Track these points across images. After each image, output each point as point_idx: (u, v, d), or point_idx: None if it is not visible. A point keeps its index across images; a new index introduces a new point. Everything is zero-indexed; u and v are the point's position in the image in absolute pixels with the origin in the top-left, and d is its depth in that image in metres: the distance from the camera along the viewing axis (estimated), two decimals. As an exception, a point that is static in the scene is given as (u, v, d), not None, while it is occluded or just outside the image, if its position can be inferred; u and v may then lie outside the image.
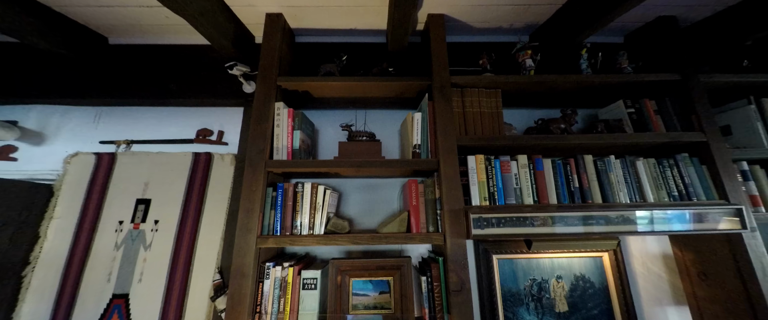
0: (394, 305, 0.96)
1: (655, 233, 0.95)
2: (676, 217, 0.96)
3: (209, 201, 1.26)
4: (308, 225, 0.98)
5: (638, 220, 0.95)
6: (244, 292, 0.89)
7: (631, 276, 1.23)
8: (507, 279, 1.20)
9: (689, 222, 0.96)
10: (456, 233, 0.94)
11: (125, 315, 1.12)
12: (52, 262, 1.17)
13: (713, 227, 0.95)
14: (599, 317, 1.16)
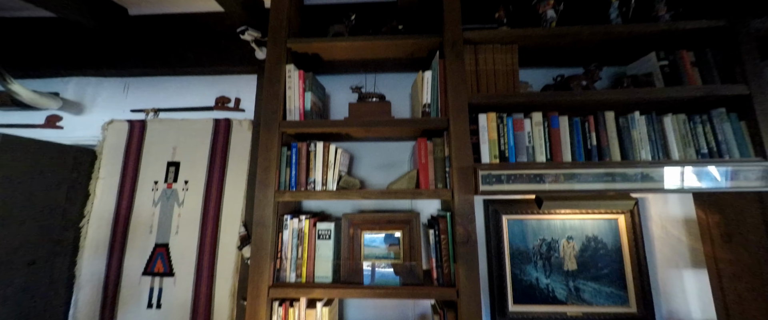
0: (403, 256, 1.02)
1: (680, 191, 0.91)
2: (704, 174, 0.91)
3: (231, 163, 1.35)
4: (321, 182, 1.03)
5: (661, 178, 0.91)
6: (265, 240, 0.98)
7: (648, 238, 1.20)
8: (516, 238, 1.22)
9: (719, 179, 0.90)
10: (464, 189, 0.95)
11: (167, 261, 1.28)
12: (102, 216, 1.33)
13: (746, 185, 0.89)
14: (609, 276, 1.17)
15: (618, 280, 1.17)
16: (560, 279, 1.18)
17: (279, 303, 0.99)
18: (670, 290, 1.17)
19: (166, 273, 1.27)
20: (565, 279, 1.18)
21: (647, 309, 1.14)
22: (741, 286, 1.01)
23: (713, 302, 1.13)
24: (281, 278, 1.00)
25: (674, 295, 1.16)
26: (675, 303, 1.16)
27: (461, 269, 0.91)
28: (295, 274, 1.00)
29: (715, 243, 1.10)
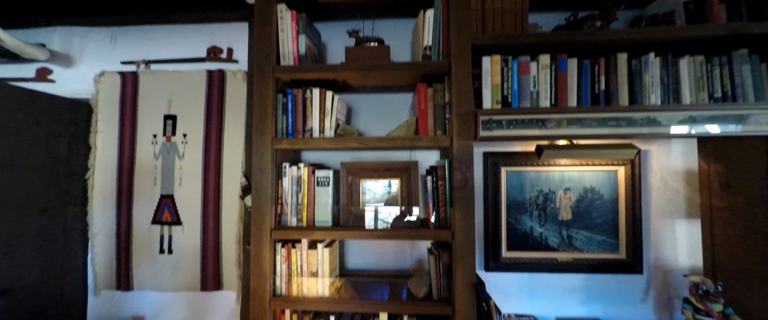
0: (401, 203, 1.04)
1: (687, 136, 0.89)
2: (713, 118, 0.87)
3: (228, 116, 1.32)
4: (318, 129, 1.02)
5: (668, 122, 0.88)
6: (265, 185, 1.00)
7: (646, 190, 1.21)
8: (513, 190, 1.23)
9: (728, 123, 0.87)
10: (463, 135, 0.94)
11: (174, 211, 1.32)
12: (106, 168, 1.36)
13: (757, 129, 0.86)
14: (602, 225, 1.20)
15: (610, 229, 1.20)
16: (554, 228, 1.21)
17: (282, 244, 1.03)
18: (660, 239, 1.20)
19: (174, 222, 1.33)
20: (558, 228, 1.21)
21: (636, 256, 1.18)
22: (731, 232, 1.03)
23: (701, 249, 1.16)
24: (283, 222, 1.04)
25: (663, 244, 1.20)
26: (664, 250, 1.20)
27: (457, 212, 0.93)
28: (296, 219, 1.04)
29: (713, 192, 1.10)
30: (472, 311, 0.91)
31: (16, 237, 1.15)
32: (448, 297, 0.97)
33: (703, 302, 0.97)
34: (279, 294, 1.01)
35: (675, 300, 1.18)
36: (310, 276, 1.01)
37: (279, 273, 1.02)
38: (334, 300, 0.99)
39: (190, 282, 1.31)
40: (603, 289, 1.21)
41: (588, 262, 1.19)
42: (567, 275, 1.22)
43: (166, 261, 1.32)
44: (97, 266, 1.35)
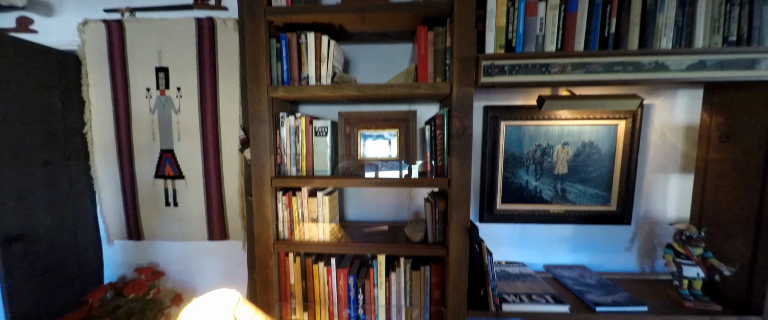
0: (399, 154, 1.05)
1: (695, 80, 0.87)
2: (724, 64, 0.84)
3: (221, 69, 1.28)
4: (315, 77, 0.99)
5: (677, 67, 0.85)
6: (263, 134, 0.99)
7: (644, 144, 1.21)
8: (512, 144, 1.23)
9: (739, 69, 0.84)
10: (464, 82, 0.91)
11: (175, 165, 1.34)
12: (103, 123, 1.35)
13: (764, 75, 0.84)
14: (596, 179, 1.22)
15: (604, 183, 1.22)
16: (549, 181, 1.24)
17: (282, 192, 1.06)
18: (652, 192, 1.23)
19: (177, 176, 1.35)
20: (553, 181, 1.24)
21: (626, 208, 1.22)
22: (723, 184, 1.05)
23: (691, 202, 1.20)
24: (282, 172, 1.06)
25: (654, 197, 1.23)
26: (653, 203, 1.24)
27: (454, 160, 0.94)
28: (296, 169, 1.05)
29: (711, 144, 1.10)
30: (464, 252, 0.97)
31: (25, 186, 1.17)
32: (443, 240, 1.02)
33: (685, 247, 1.02)
34: (282, 238, 1.07)
35: (658, 248, 1.25)
36: (310, 222, 1.05)
37: (281, 220, 1.06)
38: (334, 243, 1.04)
39: (198, 232, 1.37)
40: (591, 239, 1.27)
41: (579, 214, 1.24)
42: (557, 226, 1.27)
43: (173, 213, 1.37)
44: (107, 218, 1.41)
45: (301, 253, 1.09)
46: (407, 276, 1.04)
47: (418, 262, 1.06)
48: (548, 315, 0.97)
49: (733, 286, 1.01)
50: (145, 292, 1.31)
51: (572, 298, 1.05)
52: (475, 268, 0.98)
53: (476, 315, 0.99)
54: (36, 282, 1.22)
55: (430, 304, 1.05)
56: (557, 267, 1.26)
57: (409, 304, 1.05)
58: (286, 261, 1.08)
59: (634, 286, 1.13)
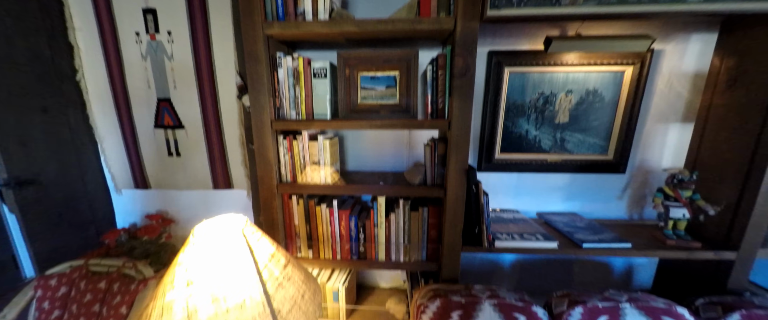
0: (400, 97, 1.03)
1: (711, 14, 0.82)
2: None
3: (212, 9, 1.21)
4: (311, 12, 0.94)
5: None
6: (260, 74, 0.97)
7: (649, 93, 1.19)
8: (514, 92, 1.21)
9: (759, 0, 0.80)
10: (469, 15, 0.87)
11: (173, 114, 1.33)
12: (95, 70, 1.31)
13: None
14: (596, 128, 1.22)
15: (604, 132, 1.22)
16: (549, 131, 1.24)
17: (283, 136, 1.07)
18: (650, 142, 1.24)
19: (177, 126, 1.35)
20: (553, 131, 1.24)
21: (622, 157, 1.24)
22: (722, 130, 1.06)
23: (687, 150, 1.21)
24: (281, 115, 1.05)
25: (651, 147, 1.24)
26: (650, 153, 1.25)
27: (456, 101, 0.93)
28: (295, 112, 1.05)
29: (717, 91, 1.08)
30: (462, 192, 1.00)
31: (26, 132, 1.18)
32: (441, 183, 1.05)
33: (675, 190, 1.06)
34: (285, 181, 1.10)
35: (648, 197, 1.29)
36: (312, 165, 1.08)
37: (283, 163, 1.08)
38: (336, 185, 1.07)
39: (203, 181, 1.41)
40: (584, 188, 1.31)
41: (576, 163, 1.26)
42: (553, 175, 1.30)
43: (176, 162, 1.40)
44: (112, 168, 1.44)
45: (303, 196, 1.12)
46: (406, 217, 1.09)
47: (416, 204, 1.10)
48: (538, 250, 1.04)
49: (714, 226, 1.06)
50: (158, 236, 1.38)
51: (561, 237, 1.11)
52: (471, 208, 1.03)
53: (470, 250, 1.06)
54: (52, 225, 1.28)
55: (427, 242, 1.11)
56: (550, 214, 1.32)
57: (408, 242, 1.11)
58: (290, 203, 1.12)
59: (621, 229, 1.19)
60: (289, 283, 0.69)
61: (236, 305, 0.58)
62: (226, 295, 0.58)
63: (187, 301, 0.56)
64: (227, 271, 0.60)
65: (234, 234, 0.64)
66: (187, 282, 0.58)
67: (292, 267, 0.74)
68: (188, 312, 0.55)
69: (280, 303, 0.64)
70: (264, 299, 0.61)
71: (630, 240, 1.05)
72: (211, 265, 0.59)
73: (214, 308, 0.56)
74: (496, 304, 0.92)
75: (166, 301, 0.57)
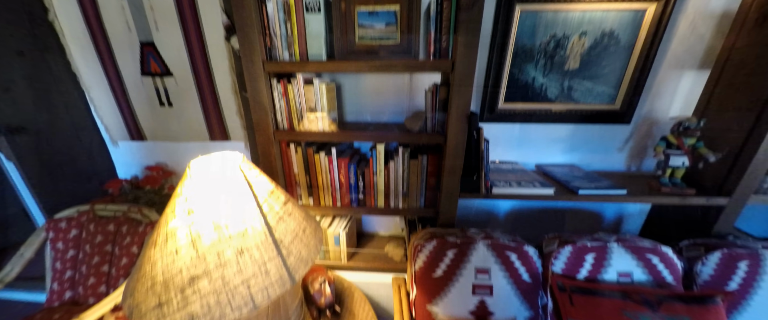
0: (401, 36, 0.96)
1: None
2: None
3: (188, -68, 1.06)
4: (301, -73, 0.82)
5: None
6: (247, 11, 0.88)
7: (668, 36, 1.10)
8: (524, 34, 1.12)
9: None
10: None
11: (160, 60, 1.25)
12: (68, 9, 1.20)
13: None
14: (606, 76, 1.16)
15: (614, 80, 1.17)
16: (557, 78, 1.18)
17: (277, 79, 1.01)
18: (661, 90, 1.19)
19: (165, 73, 1.28)
20: (561, 78, 1.18)
21: (630, 107, 1.20)
22: (741, 73, 1.00)
23: (697, 100, 1.16)
24: (274, 56, 0.98)
25: (662, 96, 1.20)
26: (659, 102, 1.21)
27: (461, 38, 0.86)
28: (288, 53, 0.98)
29: (743, 30, 1.00)
30: (463, 138, 0.98)
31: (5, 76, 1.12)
32: (442, 130, 1.03)
33: (679, 138, 1.04)
34: (281, 128, 1.07)
35: (649, 150, 1.28)
36: (309, 111, 1.04)
37: (279, 109, 1.05)
38: (334, 132, 1.05)
39: (198, 132, 1.38)
40: (586, 139, 1.29)
41: (581, 113, 1.22)
42: (556, 126, 1.27)
43: (170, 113, 1.36)
44: (104, 119, 1.40)
45: (302, 144, 1.11)
46: (405, 165, 1.09)
47: (416, 153, 1.09)
48: (534, 196, 1.06)
49: (712, 175, 1.07)
50: (160, 187, 1.40)
51: (558, 185, 1.12)
52: (471, 154, 1.02)
53: (468, 197, 1.08)
54: (54, 177, 1.29)
55: (426, 190, 1.13)
56: (549, 165, 1.32)
57: (406, 190, 1.13)
58: (288, 151, 1.11)
59: (619, 179, 1.20)
60: (290, 218, 0.71)
61: (238, 233, 0.60)
62: (227, 224, 0.59)
63: (190, 228, 0.57)
64: (227, 202, 0.60)
65: (231, 169, 0.64)
66: (188, 211, 0.58)
67: (292, 205, 0.75)
68: (192, 238, 0.57)
69: (281, 234, 0.66)
70: (266, 229, 0.63)
71: (625, 188, 1.06)
72: (210, 196, 0.59)
73: (217, 234, 0.58)
74: (490, 244, 0.96)
75: (169, 228, 0.58)
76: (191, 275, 0.55)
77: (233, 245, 0.58)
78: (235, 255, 0.58)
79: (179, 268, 0.55)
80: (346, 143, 1.32)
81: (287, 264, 0.63)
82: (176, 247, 0.56)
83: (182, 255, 0.56)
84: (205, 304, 0.54)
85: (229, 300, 0.55)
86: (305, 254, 0.68)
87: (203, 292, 0.54)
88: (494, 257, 0.94)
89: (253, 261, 0.59)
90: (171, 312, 0.53)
